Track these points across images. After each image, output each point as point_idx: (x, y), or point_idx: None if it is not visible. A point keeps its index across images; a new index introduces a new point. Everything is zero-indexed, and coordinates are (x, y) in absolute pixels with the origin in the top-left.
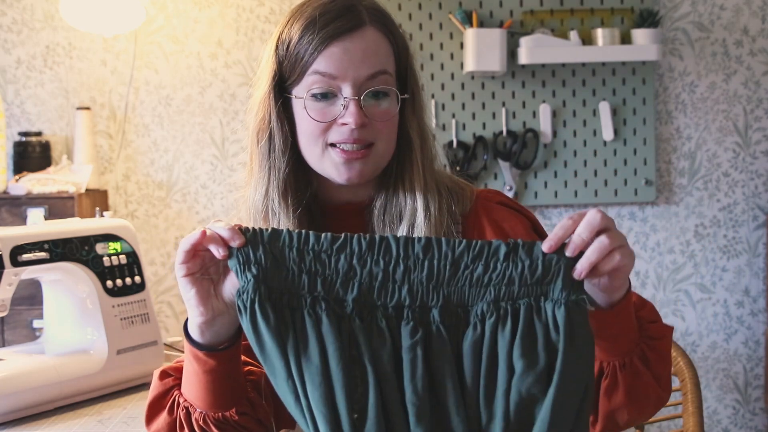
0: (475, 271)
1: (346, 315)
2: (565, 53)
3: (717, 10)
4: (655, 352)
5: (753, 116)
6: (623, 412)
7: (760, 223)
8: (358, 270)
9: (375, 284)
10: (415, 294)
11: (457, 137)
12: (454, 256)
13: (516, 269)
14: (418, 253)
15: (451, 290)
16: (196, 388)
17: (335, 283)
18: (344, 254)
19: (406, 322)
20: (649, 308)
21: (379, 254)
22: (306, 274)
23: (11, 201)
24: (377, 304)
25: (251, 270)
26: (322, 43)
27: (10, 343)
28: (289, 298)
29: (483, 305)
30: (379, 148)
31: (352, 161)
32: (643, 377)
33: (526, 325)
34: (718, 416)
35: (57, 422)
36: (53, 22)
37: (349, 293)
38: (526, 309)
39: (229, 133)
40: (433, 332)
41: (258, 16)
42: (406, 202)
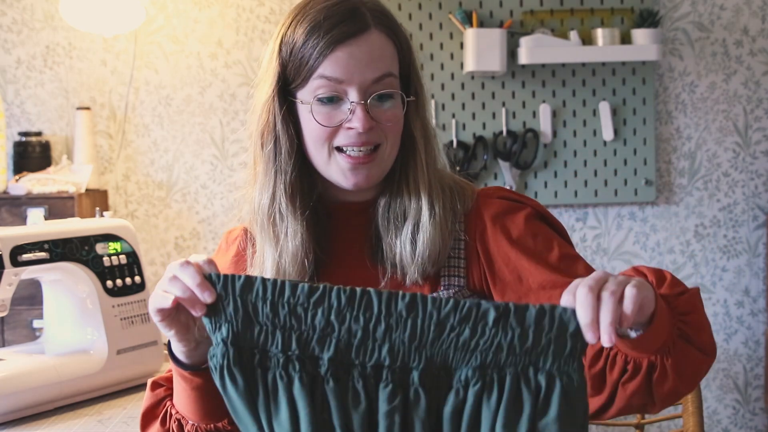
0: (461, 334)
1: (320, 376)
2: (565, 53)
3: (717, 10)
4: (692, 325)
5: (753, 116)
6: (676, 391)
7: (760, 223)
8: (336, 326)
9: (353, 342)
10: (396, 354)
11: (457, 137)
12: (440, 317)
13: (505, 337)
14: (401, 311)
15: (434, 351)
16: (186, 403)
17: (311, 340)
18: (322, 308)
19: (384, 384)
20: (670, 280)
21: (359, 310)
22: (279, 330)
23: (11, 201)
24: (355, 363)
25: (221, 330)
26: (328, 48)
27: (10, 343)
28: (261, 357)
29: (468, 371)
30: (385, 149)
31: (359, 166)
32: (689, 355)
33: (512, 395)
34: (718, 416)
35: (57, 422)
36: (53, 22)
37: (325, 352)
38: (513, 378)
39: (229, 133)
40: (410, 395)
41: (258, 16)
42: (410, 202)
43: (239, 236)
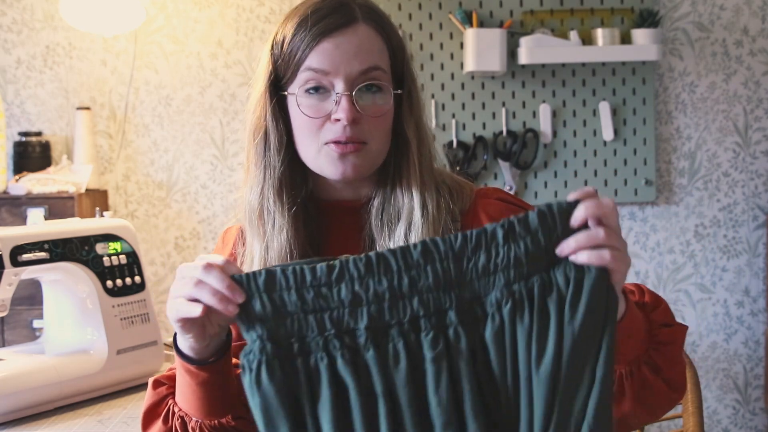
0: (478, 261)
1: (360, 346)
2: (565, 53)
3: (717, 10)
4: (664, 357)
5: (753, 116)
6: (633, 417)
7: (760, 223)
8: (363, 295)
9: (384, 305)
10: (427, 302)
11: (457, 137)
12: (455, 253)
13: (519, 248)
14: (418, 260)
15: (461, 287)
16: (190, 399)
17: (343, 315)
18: (344, 283)
19: (425, 333)
20: (663, 309)
21: (380, 273)
22: (311, 314)
23: (11, 201)
24: (391, 323)
25: (255, 329)
26: (314, 40)
27: (10, 343)
28: (300, 345)
29: (496, 293)
30: (371, 147)
31: (347, 155)
32: (652, 385)
33: (540, 303)
34: (718, 416)
35: (57, 422)
36: (53, 22)
37: (360, 321)
38: (540, 285)
39: (229, 133)
40: (451, 336)
41: (258, 16)
42: (403, 201)
43: (235, 235)
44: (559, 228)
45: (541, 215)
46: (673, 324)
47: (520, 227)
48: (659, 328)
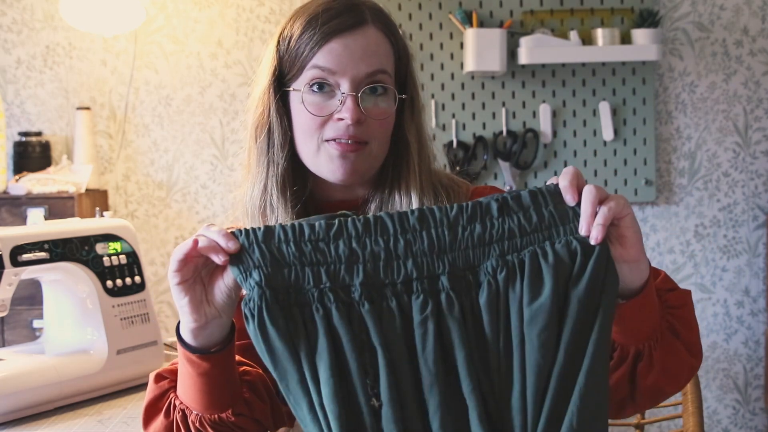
0: (474, 231)
1: (354, 301)
2: (565, 53)
3: (717, 10)
4: (681, 321)
5: (753, 116)
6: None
7: (760, 223)
8: (359, 253)
9: (379, 264)
10: (421, 265)
11: (457, 137)
12: (450, 221)
13: (513, 221)
14: (414, 225)
15: (455, 255)
16: (191, 391)
17: (339, 270)
18: (342, 239)
19: (416, 296)
20: (663, 277)
21: (377, 233)
22: (308, 266)
23: (11, 201)
24: (385, 282)
25: (253, 276)
26: (323, 39)
27: (10, 343)
28: (296, 295)
29: (492, 261)
30: (372, 148)
31: (347, 154)
32: (676, 351)
33: (533, 273)
34: (718, 416)
35: (57, 422)
36: (53, 22)
37: (356, 278)
38: (532, 257)
39: (229, 133)
40: (443, 301)
41: (258, 16)
42: (401, 205)
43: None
44: (550, 205)
45: (533, 194)
46: (677, 288)
47: (513, 203)
48: (666, 293)
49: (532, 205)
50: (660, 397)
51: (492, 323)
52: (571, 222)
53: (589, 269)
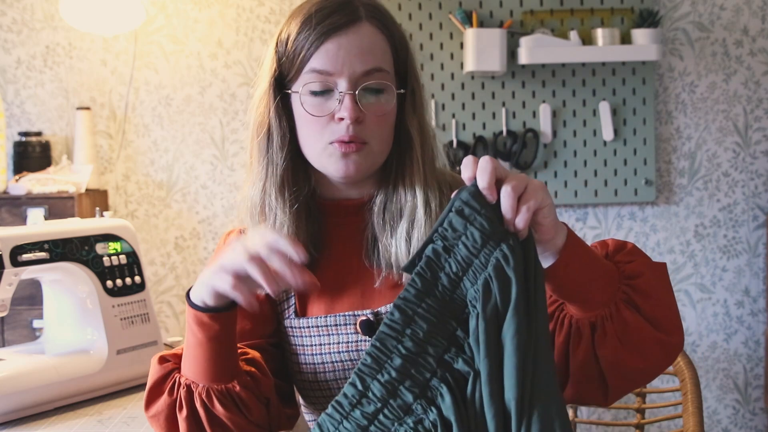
0: (444, 283)
1: (422, 414)
2: (565, 53)
3: (717, 10)
4: (639, 292)
5: (753, 116)
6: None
7: (760, 223)
8: (392, 381)
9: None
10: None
11: (457, 137)
12: (423, 291)
13: (461, 251)
14: (405, 322)
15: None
16: (198, 361)
17: (393, 406)
18: (370, 381)
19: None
20: (628, 250)
21: (387, 355)
22: (371, 425)
23: (11, 201)
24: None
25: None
26: (318, 39)
27: (10, 343)
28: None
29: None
30: (373, 146)
31: (350, 154)
32: (634, 323)
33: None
34: (718, 416)
35: (57, 422)
36: (53, 22)
37: (408, 398)
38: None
39: (229, 133)
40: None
41: (258, 16)
42: (406, 199)
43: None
44: (481, 210)
45: (459, 212)
46: (636, 260)
47: (451, 233)
48: (624, 265)
49: (466, 223)
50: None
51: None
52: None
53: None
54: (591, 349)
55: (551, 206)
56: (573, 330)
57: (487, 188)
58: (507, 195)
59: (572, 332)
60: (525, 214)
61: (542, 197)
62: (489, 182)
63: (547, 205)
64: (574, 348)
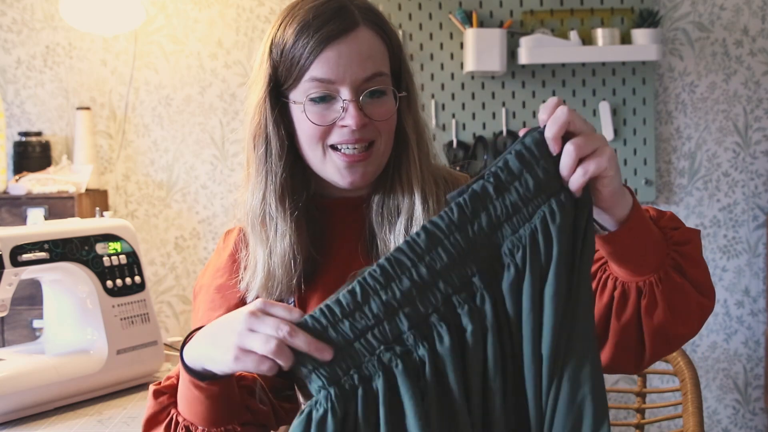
0: (482, 223)
1: (410, 348)
2: (565, 53)
3: (717, 10)
4: (686, 258)
5: (753, 116)
6: (668, 327)
7: (760, 223)
8: (392, 301)
9: (415, 300)
10: (452, 279)
11: (457, 137)
12: (457, 225)
13: (512, 195)
14: (427, 246)
15: (476, 253)
16: (197, 411)
17: (384, 328)
18: (371, 298)
19: (460, 307)
20: (669, 216)
21: (398, 273)
22: (356, 342)
23: (11, 201)
24: (429, 312)
25: (314, 381)
26: (318, 48)
27: (10, 343)
28: (359, 374)
29: (507, 242)
30: (380, 146)
31: (355, 164)
32: (681, 287)
33: (545, 235)
34: (718, 416)
35: (57, 422)
36: (53, 22)
37: (402, 325)
38: (542, 221)
39: (229, 133)
40: (477, 302)
41: (258, 16)
42: (403, 197)
43: (236, 237)
44: (540, 160)
45: (519, 156)
46: (683, 226)
47: (506, 175)
48: (671, 231)
49: (523, 168)
50: (672, 341)
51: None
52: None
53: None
54: (636, 313)
55: (614, 177)
56: (618, 293)
57: (553, 139)
58: (568, 153)
59: (617, 295)
60: (580, 177)
61: (606, 165)
62: (556, 133)
63: (609, 176)
64: (619, 311)
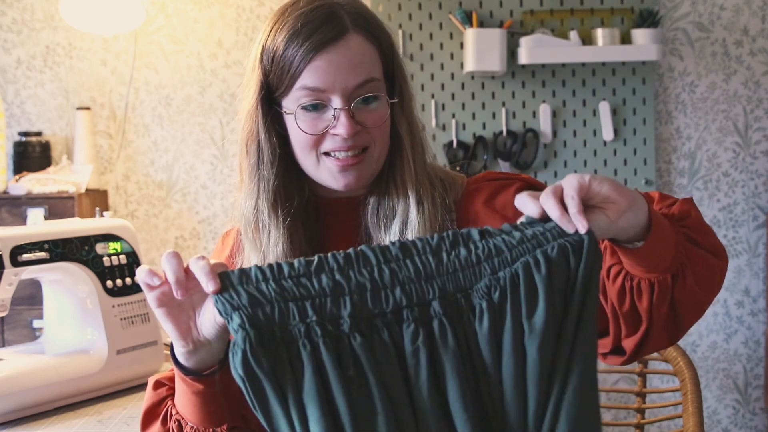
0: (459, 255)
1: (344, 335)
2: (565, 53)
3: (717, 10)
4: (694, 230)
5: (753, 116)
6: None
7: (760, 223)
8: (344, 284)
9: (366, 294)
10: (410, 292)
11: (457, 137)
12: (433, 248)
13: (497, 240)
14: (396, 255)
15: (444, 279)
16: (186, 405)
17: (326, 303)
18: (324, 273)
19: (407, 324)
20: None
21: (359, 265)
22: (292, 302)
23: (11, 201)
24: (375, 313)
25: (234, 319)
26: (308, 56)
27: (10, 343)
28: (282, 333)
29: (484, 280)
30: (374, 151)
31: (348, 168)
32: (703, 258)
33: (528, 285)
34: (718, 416)
35: (57, 422)
36: (53, 22)
37: (343, 309)
38: (525, 268)
39: (229, 133)
40: (435, 329)
41: (258, 16)
42: (398, 200)
43: (233, 238)
44: (528, 226)
45: (512, 225)
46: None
47: (494, 230)
48: (668, 208)
49: (513, 229)
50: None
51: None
52: (555, 227)
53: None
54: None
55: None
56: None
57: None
58: (545, 198)
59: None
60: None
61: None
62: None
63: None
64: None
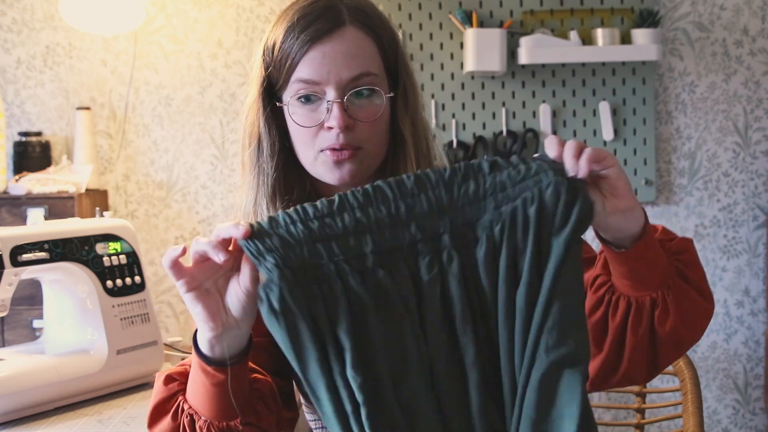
0: (468, 189)
1: (369, 269)
2: (565, 53)
3: (717, 10)
4: (687, 265)
5: (753, 116)
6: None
7: (760, 223)
8: (364, 221)
9: (385, 230)
10: (424, 227)
11: (457, 137)
12: (446, 181)
13: (503, 175)
14: (412, 189)
15: (454, 214)
16: (202, 398)
17: (350, 241)
18: (346, 212)
19: (422, 256)
20: (662, 230)
21: (378, 201)
22: (320, 242)
23: (11, 201)
24: (394, 247)
25: (268, 260)
26: (302, 48)
27: (10, 343)
28: (314, 271)
29: (488, 215)
30: (367, 151)
31: (342, 162)
32: (689, 294)
33: (524, 222)
34: (718, 416)
35: (57, 422)
36: (53, 22)
37: (366, 246)
38: (523, 201)
39: (229, 132)
40: (444, 259)
41: (258, 16)
42: None
43: None
44: (542, 159)
45: (521, 158)
46: (677, 237)
47: (504, 161)
48: (668, 242)
49: (521, 162)
50: (681, 346)
51: (490, 279)
52: (561, 169)
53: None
54: (649, 325)
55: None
56: (633, 309)
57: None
58: (571, 142)
59: (632, 312)
60: (588, 152)
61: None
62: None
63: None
64: (635, 327)
